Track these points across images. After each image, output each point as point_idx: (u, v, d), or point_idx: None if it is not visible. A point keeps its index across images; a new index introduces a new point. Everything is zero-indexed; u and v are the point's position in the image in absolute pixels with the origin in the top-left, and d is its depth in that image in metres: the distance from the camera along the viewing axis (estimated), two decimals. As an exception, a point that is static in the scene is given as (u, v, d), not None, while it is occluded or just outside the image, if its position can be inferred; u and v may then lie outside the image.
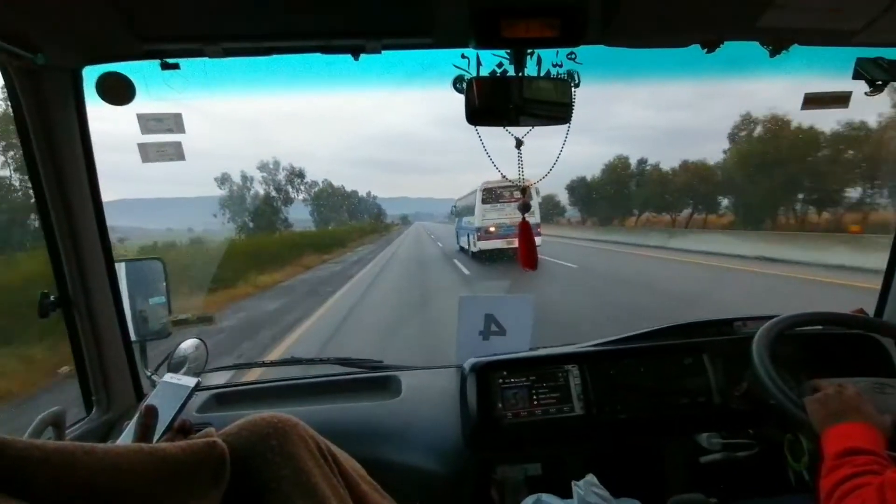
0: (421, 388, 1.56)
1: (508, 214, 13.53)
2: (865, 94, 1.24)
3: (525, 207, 1.40)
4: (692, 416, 1.44)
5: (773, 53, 1.17)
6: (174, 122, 1.17)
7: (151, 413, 0.87)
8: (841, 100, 1.28)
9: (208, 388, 1.60)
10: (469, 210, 15.26)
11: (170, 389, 0.96)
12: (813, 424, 1.05)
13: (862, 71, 1.22)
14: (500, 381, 1.42)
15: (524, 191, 1.36)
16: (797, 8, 0.98)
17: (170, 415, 0.91)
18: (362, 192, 68.19)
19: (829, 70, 1.29)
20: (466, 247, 15.39)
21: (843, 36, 1.12)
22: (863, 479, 0.85)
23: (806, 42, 1.15)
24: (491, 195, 13.99)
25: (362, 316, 8.00)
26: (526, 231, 1.39)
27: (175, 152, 1.23)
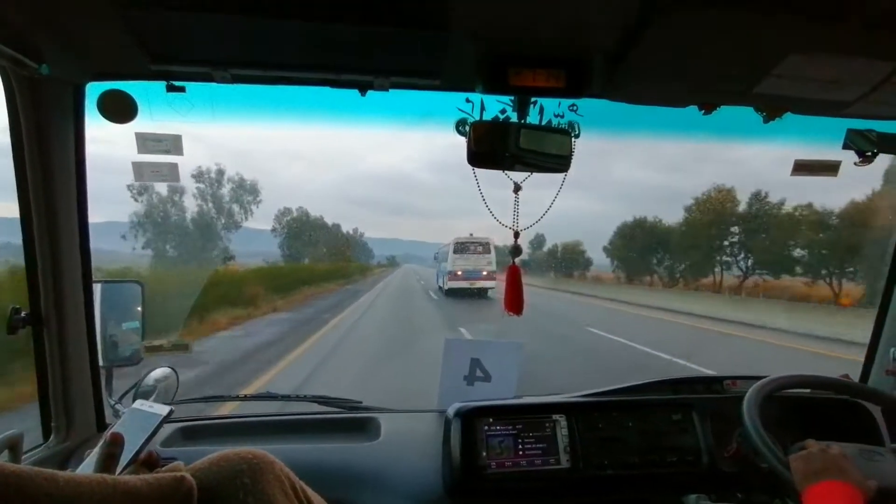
0: (401, 432, 1.51)
1: (473, 262, 18.75)
2: (855, 164, 1.30)
3: (516, 251, 1.41)
4: (680, 475, 1.41)
5: (767, 120, 1.22)
6: (173, 144, 1.17)
7: (117, 441, 0.82)
8: (830, 168, 1.33)
9: (175, 420, 1.53)
10: (445, 257, 19.96)
11: (138, 417, 0.91)
12: (795, 482, 1.05)
13: (851, 142, 1.28)
14: (486, 427, 1.39)
15: (517, 235, 1.37)
16: (793, 78, 1.04)
17: (136, 445, 0.86)
18: (347, 228, 63.84)
19: (821, 139, 1.35)
20: (440, 284, 20.30)
21: (836, 106, 1.18)
22: None
23: (799, 111, 1.21)
24: (461, 247, 19.05)
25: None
26: (514, 276, 1.39)
27: (170, 173, 1.22)
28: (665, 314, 17.23)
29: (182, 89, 1.13)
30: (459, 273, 18.35)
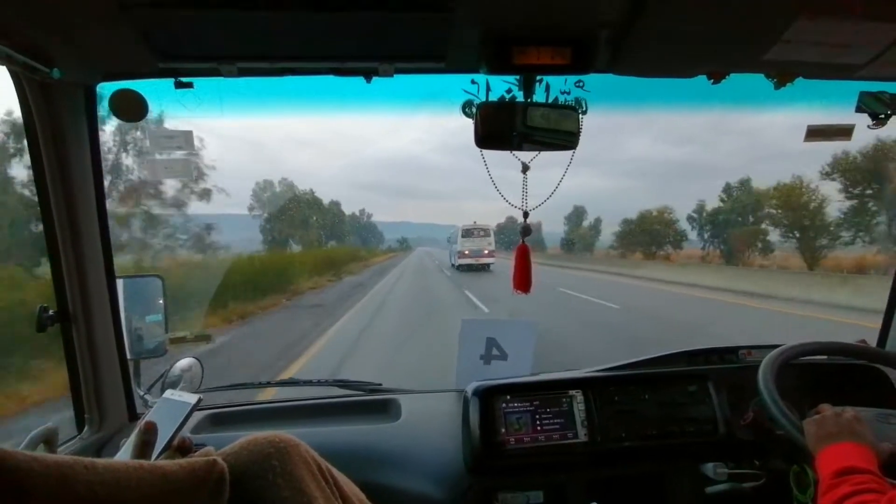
0: (421, 412, 1.55)
1: (477, 244, 24.39)
2: (868, 126, 1.28)
3: (525, 231, 1.42)
4: (697, 444, 1.43)
5: (778, 86, 1.20)
6: (184, 140, 1.19)
7: (151, 429, 0.86)
8: (844, 132, 1.31)
9: (203, 409, 1.59)
10: (455, 240, 26.12)
11: (169, 406, 0.95)
12: (808, 445, 1.06)
13: (864, 105, 1.26)
14: (504, 405, 1.42)
15: (526, 215, 1.38)
16: (803, 42, 1.02)
17: (169, 432, 0.90)
18: (352, 209, 54.42)
19: (833, 103, 1.33)
20: (453, 262, 26.07)
21: (848, 70, 1.16)
22: (865, 496, 0.85)
23: (811, 75, 1.19)
24: (467, 233, 24.88)
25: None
26: (523, 255, 1.39)
27: (183, 169, 1.25)
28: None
29: (190, 85, 1.14)
30: (467, 252, 24.17)
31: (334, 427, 1.49)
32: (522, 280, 1.36)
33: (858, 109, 1.28)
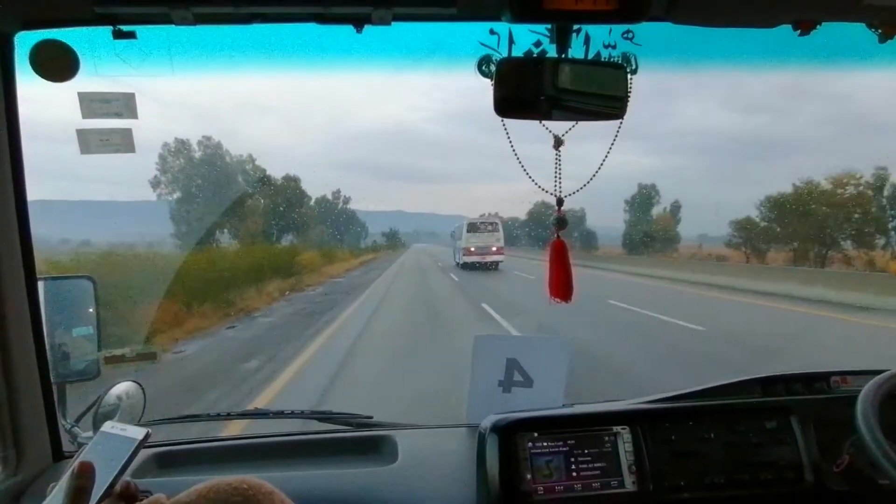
0: (423, 452, 1.55)
1: (484, 240, 26.43)
2: None
3: (560, 223, 1.40)
4: (778, 497, 1.43)
5: (883, 39, 1.20)
6: (124, 105, 1.20)
7: (88, 472, 0.86)
8: None
9: (148, 446, 1.59)
10: (460, 235, 28.11)
11: (110, 442, 0.96)
12: None
13: None
14: (530, 444, 1.41)
15: (560, 202, 1.37)
16: None
17: (109, 476, 0.90)
18: (324, 193, 45.30)
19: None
20: (457, 260, 28.17)
21: None
22: None
23: None
24: (473, 227, 26.86)
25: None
26: (559, 253, 1.39)
27: (123, 142, 1.25)
28: None
29: (132, 35, 1.15)
30: (473, 249, 26.27)
31: (314, 470, 1.49)
32: (560, 285, 1.36)
33: None
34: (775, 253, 31.74)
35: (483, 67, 1.18)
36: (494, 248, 26.27)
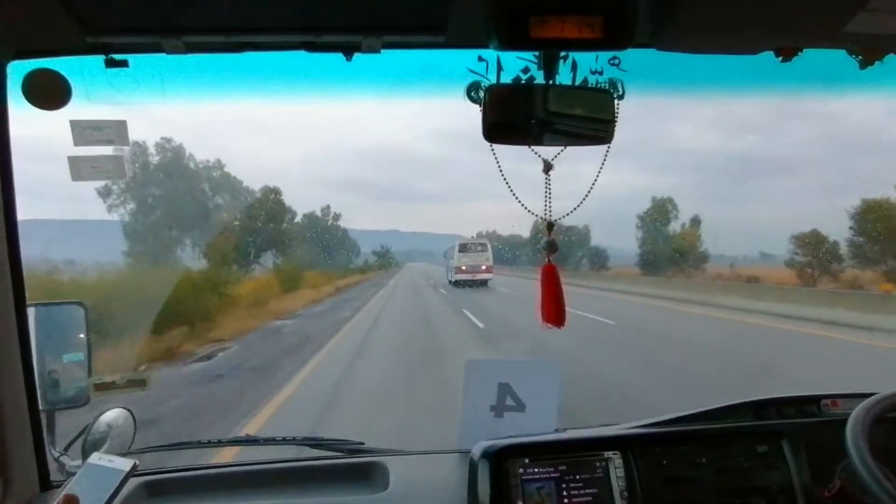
0: (414, 479, 1.54)
1: (474, 259, 28.87)
2: None
3: (551, 247, 1.40)
4: None
5: (864, 65, 1.22)
6: (116, 132, 1.20)
7: None
8: None
9: (138, 474, 1.57)
10: (452, 255, 30.24)
11: (96, 473, 0.95)
12: None
13: None
14: (521, 470, 1.40)
15: (551, 226, 1.38)
16: (894, 12, 1.03)
17: None
18: (312, 209, 41.49)
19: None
20: (450, 278, 30.09)
21: None
22: None
23: None
24: (464, 248, 29.56)
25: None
26: (550, 278, 1.38)
27: (114, 169, 1.26)
28: None
29: (125, 63, 1.16)
30: (464, 268, 28.62)
31: (305, 498, 1.48)
32: (552, 310, 1.35)
33: None
34: (857, 272, 26.98)
35: (472, 94, 1.18)
36: (484, 267, 28.94)
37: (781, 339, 12.40)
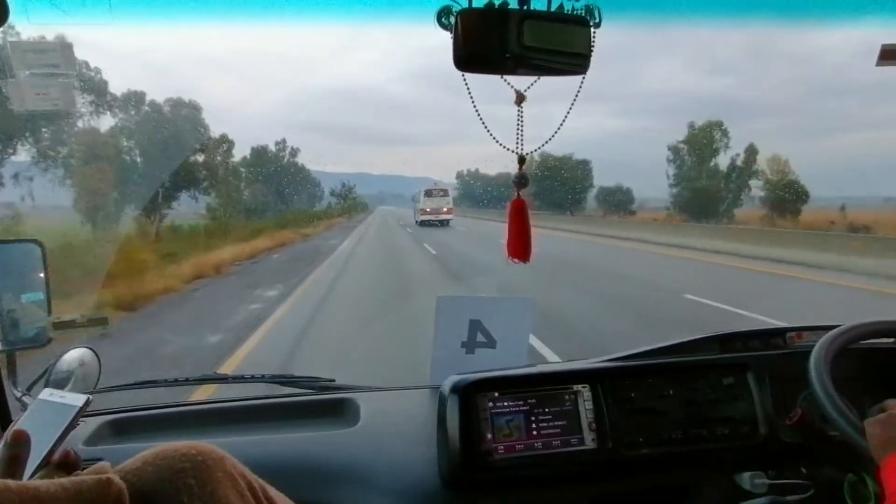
0: (385, 414, 1.55)
1: (437, 202, 33.18)
2: None
3: (521, 181, 1.37)
4: (732, 449, 1.46)
5: None
6: (62, 55, 1.12)
7: (22, 440, 0.83)
8: None
9: (100, 413, 1.56)
10: (418, 200, 34.66)
11: (48, 410, 0.92)
12: (871, 450, 1.09)
13: None
14: (490, 404, 1.42)
15: (522, 160, 1.35)
16: None
17: (47, 444, 0.87)
18: (264, 143, 34.77)
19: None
20: (416, 219, 33.81)
21: None
22: None
23: None
24: (428, 193, 33.71)
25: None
26: (518, 213, 1.36)
27: (61, 96, 1.17)
28: None
29: None
30: (428, 210, 32.95)
31: (273, 434, 1.48)
32: (519, 245, 1.34)
33: None
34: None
35: (443, 19, 1.13)
36: (445, 209, 33.53)
37: None
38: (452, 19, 1.12)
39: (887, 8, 1.28)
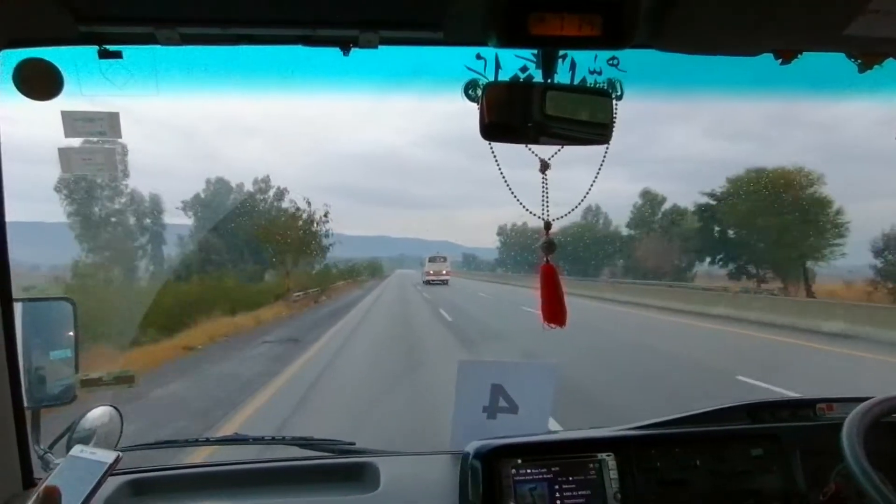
0: (406, 480, 1.53)
1: (438, 267, 44.28)
2: None
3: (549, 247, 1.39)
4: None
5: (863, 68, 1.22)
6: (108, 124, 1.19)
7: (54, 496, 0.85)
8: None
9: (122, 472, 1.56)
10: (423, 264, 45.87)
11: (78, 466, 0.94)
12: None
13: None
14: (514, 471, 1.40)
15: (548, 226, 1.38)
16: (894, 15, 1.04)
17: (77, 501, 0.89)
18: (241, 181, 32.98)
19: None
20: (423, 279, 42.33)
21: None
22: None
23: None
24: (432, 260, 45.60)
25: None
26: (550, 277, 1.37)
27: (105, 161, 1.24)
28: None
29: (118, 55, 1.15)
30: (431, 272, 42.78)
31: (293, 498, 1.47)
32: (553, 309, 1.34)
33: None
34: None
35: (470, 91, 1.18)
36: (444, 272, 43.77)
37: None
38: (479, 91, 1.17)
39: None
